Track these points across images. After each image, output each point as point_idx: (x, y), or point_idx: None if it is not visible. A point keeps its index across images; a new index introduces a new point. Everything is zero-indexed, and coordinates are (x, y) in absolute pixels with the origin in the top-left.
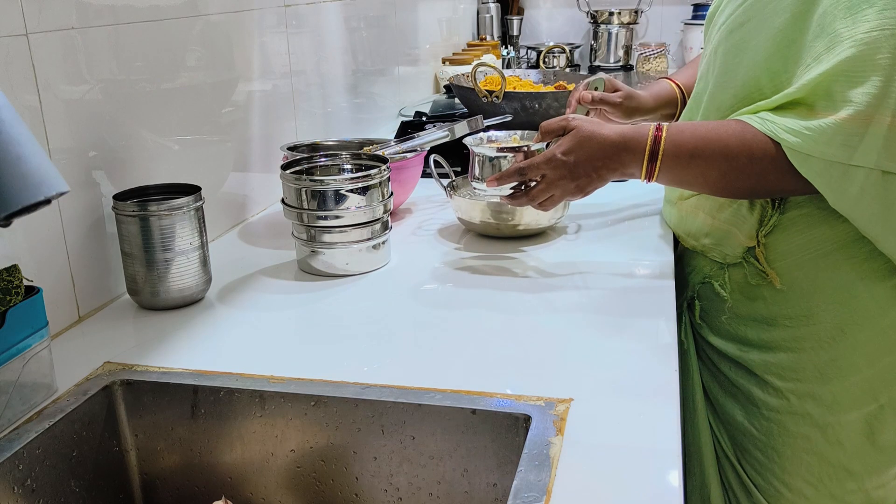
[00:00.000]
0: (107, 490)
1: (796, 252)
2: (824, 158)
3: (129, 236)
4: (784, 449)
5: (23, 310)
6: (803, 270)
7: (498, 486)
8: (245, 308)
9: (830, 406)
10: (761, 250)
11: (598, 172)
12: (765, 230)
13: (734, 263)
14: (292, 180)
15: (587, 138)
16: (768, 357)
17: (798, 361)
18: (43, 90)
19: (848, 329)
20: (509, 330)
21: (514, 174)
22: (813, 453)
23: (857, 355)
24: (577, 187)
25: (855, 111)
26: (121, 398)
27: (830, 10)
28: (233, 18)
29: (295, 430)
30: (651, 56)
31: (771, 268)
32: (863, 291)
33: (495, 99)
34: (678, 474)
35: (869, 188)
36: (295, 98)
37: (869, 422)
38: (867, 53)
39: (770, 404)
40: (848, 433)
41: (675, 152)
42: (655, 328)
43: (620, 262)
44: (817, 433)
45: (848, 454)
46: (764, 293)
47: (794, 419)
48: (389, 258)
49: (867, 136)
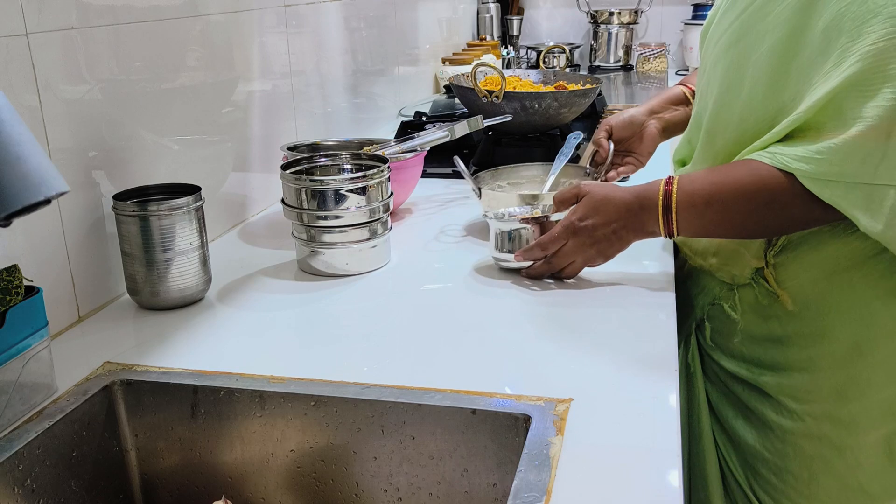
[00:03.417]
0: (107, 490)
1: (809, 270)
2: (843, 181)
3: (129, 236)
4: (801, 472)
5: (23, 310)
6: (817, 289)
7: (498, 486)
8: (245, 308)
9: (849, 427)
10: (770, 271)
11: (617, 234)
12: (774, 250)
13: (743, 284)
14: (292, 180)
15: (602, 202)
16: (783, 379)
17: (814, 382)
18: (43, 90)
19: (866, 347)
20: (509, 330)
21: (535, 249)
22: (830, 475)
23: (877, 374)
24: (598, 252)
25: (868, 126)
26: (121, 398)
27: (834, 24)
28: (233, 18)
29: (295, 430)
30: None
31: (782, 288)
32: (880, 309)
33: (495, 99)
34: (678, 474)
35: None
36: (295, 98)
37: (889, 442)
38: (876, 65)
39: (785, 427)
40: (867, 454)
41: (689, 202)
42: (656, 328)
43: (622, 263)
44: (835, 455)
45: (867, 476)
46: (777, 312)
47: (810, 441)
48: (389, 258)
49: (889, 151)
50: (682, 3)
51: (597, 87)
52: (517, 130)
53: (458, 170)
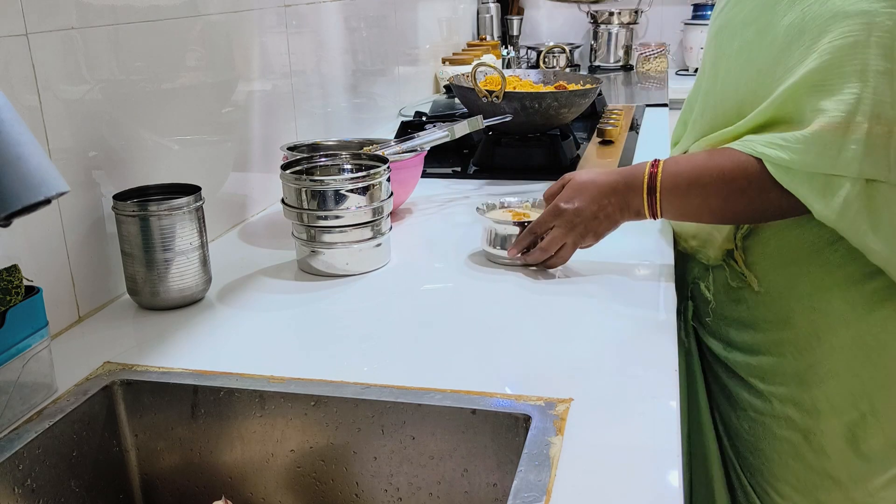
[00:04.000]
0: (107, 490)
1: (772, 256)
2: (805, 170)
3: (129, 236)
4: (771, 453)
5: (23, 310)
6: (779, 275)
7: (498, 486)
8: (245, 308)
9: (811, 413)
10: (739, 253)
11: (604, 212)
12: (742, 233)
13: (717, 266)
14: (292, 180)
15: (585, 184)
16: (751, 360)
17: (779, 365)
18: (43, 90)
19: (824, 335)
20: (509, 330)
21: (526, 236)
22: (798, 459)
23: (835, 361)
24: (587, 230)
25: (828, 120)
26: (121, 398)
27: (797, 23)
28: (233, 18)
29: (295, 430)
30: (651, 56)
31: (750, 270)
32: (837, 297)
33: (495, 99)
34: (678, 474)
35: (853, 199)
36: (295, 98)
37: (851, 430)
38: (833, 62)
39: (755, 406)
40: (830, 440)
41: (673, 182)
42: (656, 328)
43: (621, 262)
44: (800, 438)
45: (832, 462)
46: (746, 296)
47: (777, 423)
48: (389, 258)
49: (846, 144)
50: (682, 3)
51: (597, 87)
52: (517, 130)
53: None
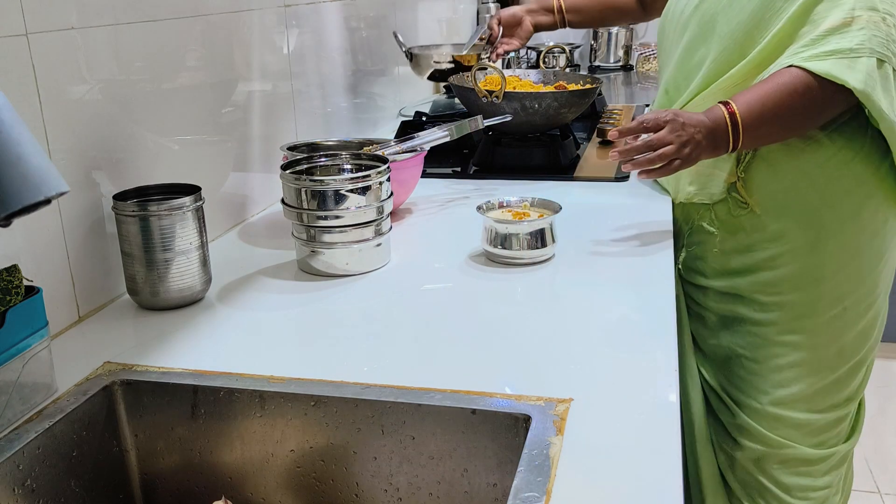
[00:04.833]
0: (107, 490)
1: (769, 183)
2: (832, 57)
3: (129, 236)
4: (766, 360)
5: (23, 310)
6: (775, 198)
7: (498, 486)
8: (245, 308)
9: (806, 313)
10: (741, 183)
11: (698, 144)
12: (742, 166)
13: (719, 201)
14: (292, 180)
15: (689, 116)
16: (752, 278)
17: (777, 277)
18: (43, 90)
19: (818, 244)
20: (509, 330)
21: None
22: (790, 360)
23: (826, 265)
24: (690, 155)
25: (836, 18)
26: (121, 398)
27: None
28: (233, 18)
29: (295, 430)
30: (651, 56)
31: (751, 196)
32: (827, 212)
33: (495, 99)
34: (678, 474)
35: (872, 70)
36: (295, 98)
37: (836, 324)
38: None
39: (756, 319)
40: (820, 336)
41: (748, 110)
42: (656, 328)
43: (621, 262)
44: (795, 339)
45: (818, 356)
46: (744, 223)
47: (775, 329)
48: (389, 258)
49: (853, 30)
50: None
51: (597, 87)
52: (517, 130)
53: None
